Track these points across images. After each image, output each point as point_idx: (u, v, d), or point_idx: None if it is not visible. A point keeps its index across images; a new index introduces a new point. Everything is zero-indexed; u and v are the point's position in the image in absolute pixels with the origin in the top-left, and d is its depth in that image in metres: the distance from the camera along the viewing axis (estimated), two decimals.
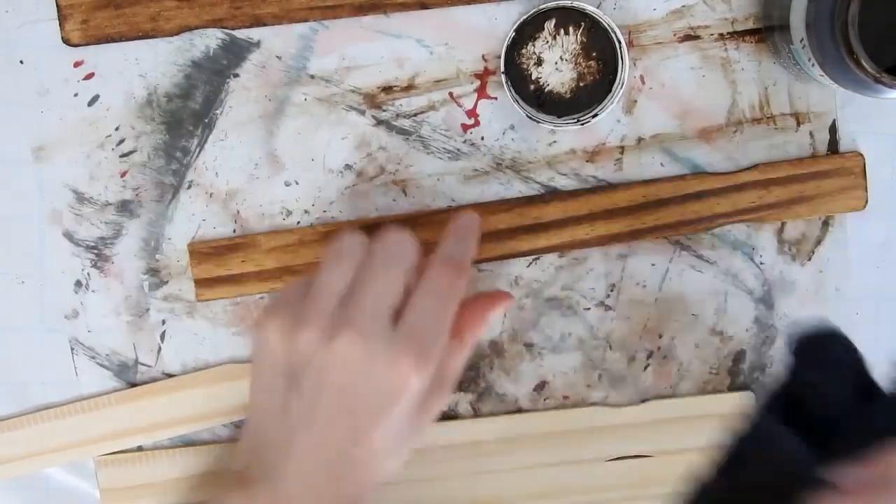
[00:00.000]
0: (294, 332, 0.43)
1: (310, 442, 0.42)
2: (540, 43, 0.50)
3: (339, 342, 0.41)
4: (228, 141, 0.52)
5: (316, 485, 0.42)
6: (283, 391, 0.43)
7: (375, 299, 0.42)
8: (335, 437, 0.42)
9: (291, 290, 0.45)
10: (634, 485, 0.53)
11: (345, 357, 0.41)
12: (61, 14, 0.50)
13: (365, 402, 0.42)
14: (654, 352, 0.53)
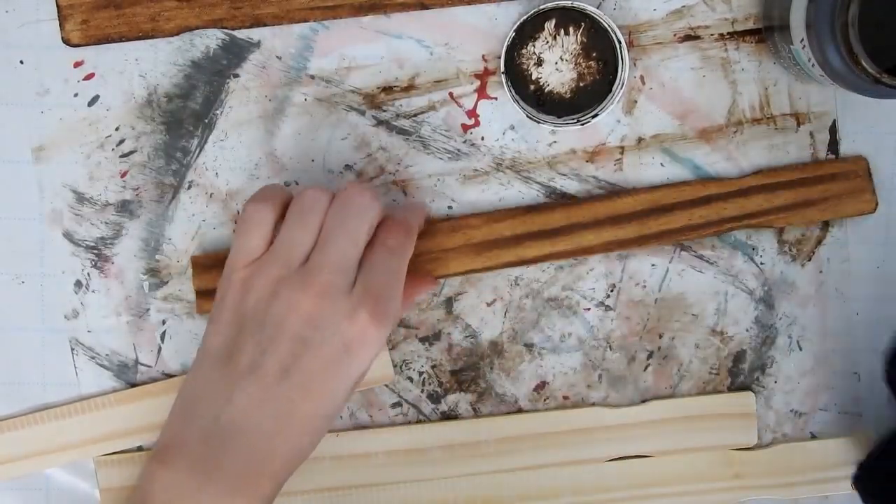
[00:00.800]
0: (258, 283, 0.43)
1: (254, 393, 0.42)
2: (540, 43, 0.50)
3: (302, 295, 0.42)
4: (228, 141, 0.52)
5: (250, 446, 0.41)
6: (235, 337, 0.43)
7: (338, 257, 0.43)
8: (282, 391, 0.42)
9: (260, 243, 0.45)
10: (634, 485, 0.53)
11: (308, 310, 0.42)
12: (61, 14, 0.50)
13: (317, 357, 0.42)
14: (654, 352, 0.53)
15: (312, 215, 0.44)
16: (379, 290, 0.43)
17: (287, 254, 0.43)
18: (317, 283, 0.42)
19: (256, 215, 0.44)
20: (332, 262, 0.43)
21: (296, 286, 0.42)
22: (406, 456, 0.52)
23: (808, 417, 0.53)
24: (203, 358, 0.44)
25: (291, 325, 0.42)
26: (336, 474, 0.52)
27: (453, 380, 0.53)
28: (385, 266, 0.44)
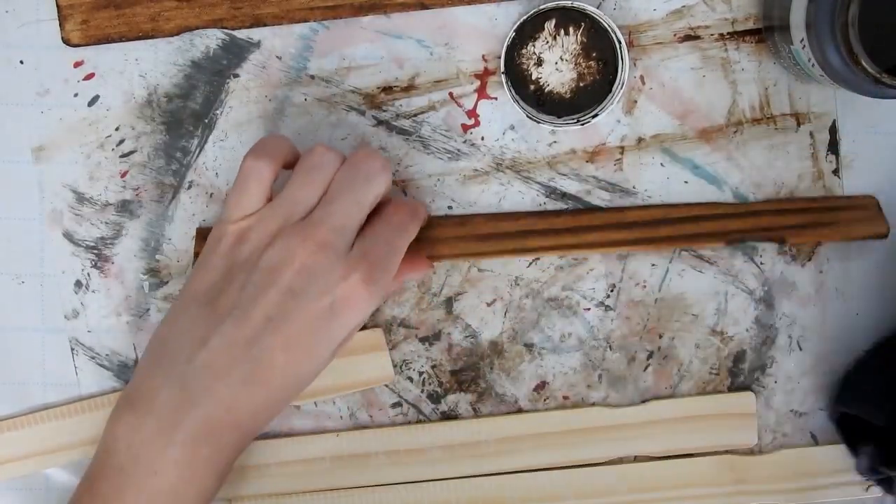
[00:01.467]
0: (254, 234, 0.43)
1: (232, 337, 0.41)
2: (540, 43, 0.50)
3: (298, 247, 0.42)
4: (228, 141, 0.52)
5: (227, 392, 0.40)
6: (221, 282, 0.42)
7: (341, 217, 0.43)
8: (259, 341, 0.41)
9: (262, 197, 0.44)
10: (636, 489, 0.53)
11: (302, 262, 0.41)
12: (61, 14, 0.50)
13: (301, 310, 0.41)
14: (654, 352, 0.53)
15: (320, 173, 0.44)
16: (376, 258, 0.43)
17: (289, 209, 0.43)
18: (316, 237, 0.42)
19: (255, 171, 0.44)
20: (334, 220, 0.42)
21: (293, 237, 0.42)
22: (406, 456, 0.52)
23: (808, 417, 0.53)
24: (182, 301, 0.43)
25: (283, 274, 0.41)
26: (336, 474, 0.52)
27: (453, 380, 0.53)
28: (385, 237, 0.44)
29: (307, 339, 0.41)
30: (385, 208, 0.45)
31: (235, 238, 0.43)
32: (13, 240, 0.52)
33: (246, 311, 0.41)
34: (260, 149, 0.45)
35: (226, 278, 0.42)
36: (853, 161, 0.52)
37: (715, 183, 0.52)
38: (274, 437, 0.52)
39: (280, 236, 0.42)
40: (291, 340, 0.41)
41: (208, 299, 0.42)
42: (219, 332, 0.41)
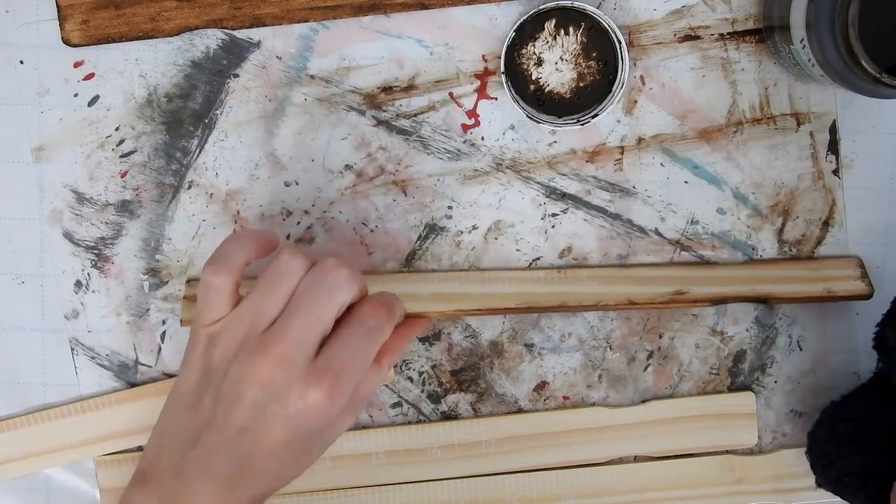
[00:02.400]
0: (222, 340, 0.43)
1: (217, 442, 0.43)
2: (540, 43, 0.50)
3: (259, 364, 0.42)
4: (228, 141, 0.52)
5: (216, 486, 0.43)
6: (200, 387, 0.44)
7: (300, 330, 0.43)
8: (241, 448, 0.42)
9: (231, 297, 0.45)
10: (636, 489, 0.53)
11: (262, 379, 0.42)
12: (61, 14, 0.50)
13: (272, 423, 0.42)
14: (654, 352, 0.53)
15: (284, 282, 0.44)
16: (340, 369, 0.43)
17: (253, 318, 0.43)
18: (274, 353, 0.42)
19: (213, 285, 0.44)
20: (293, 334, 0.42)
21: (254, 354, 0.42)
22: (406, 456, 0.52)
23: (807, 417, 0.53)
24: (174, 397, 0.45)
25: (247, 390, 0.42)
26: (336, 474, 0.52)
27: (453, 380, 0.53)
28: (355, 344, 0.43)
29: (284, 443, 0.43)
30: (357, 311, 0.44)
31: (207, 341, 0.44)
32: (13, 240, 0.52)
33: (223, 421, 0.43)
34: (215, 261, 0.45)
35: (203, 384, 0.44)
36: (853, 161, 0.52)
37: (715, 183, 0.52)
38: None
39: (242, 350, 0.43)
40: (269, 445, 0.43)
41: (192, 403, 0.44)
42: (203, 435, 0.43)
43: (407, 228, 0.52)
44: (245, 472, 0.43)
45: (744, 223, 0.52)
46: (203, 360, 0.44)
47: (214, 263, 0.44)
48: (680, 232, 0.52)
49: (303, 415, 0.42)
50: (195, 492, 0.43)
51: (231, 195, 0.52)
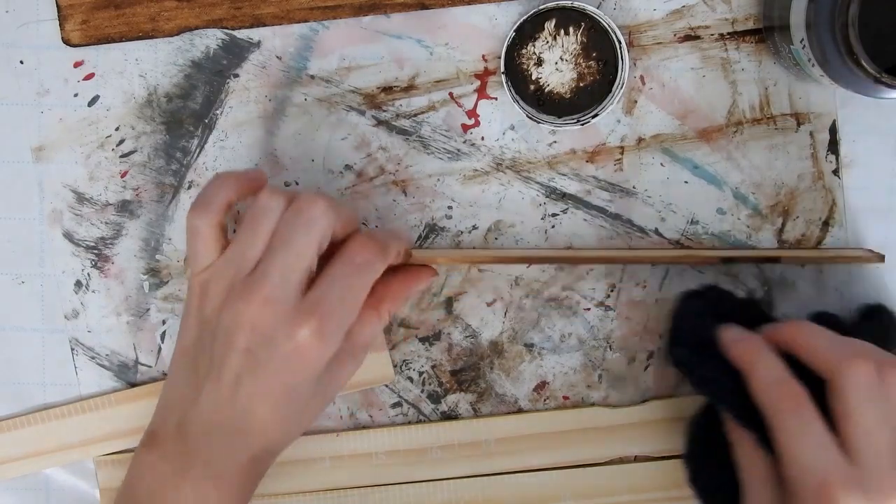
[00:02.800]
0: (212, 288, 0.43)
1: (215, 397, 0.43)
2: (540, 43, 0.50)
3: (247, 308, 0.42)
4: (228, 141, 0.52)
5: (217, 443, 0.43)
6: (197, 344, 0.44)
7: (284, 267, 0.42)
8: (239, 398, 0.42)
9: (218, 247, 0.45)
10: (636, 489, 0.53)
11: (252, 322, 0.42)
12: (61, 14, 0.50)
13: (266, 368, 0.42)
14: (655, 352, 0.53)
15: (263, 223, 0.44)
16: (328, 307, 0.42)
17: (238, 263, 0.43)
18: (259, 294, 0.42)
19: (195, 231, 0.44)
20: (275, 273, 0.42)
21: (240, 298, 0.42)
22: (406, 456, 0.52)
23: None
24: (176, 357, 0.45)
25: (238, 337, 0.42)
26: (336, 474, 0.52)
27: (453, 380, 0.53)
28: (343, 281, 0.43)
29: (281, 389, 0.43)
30: (345, 247, 0.44)
31: (199, 292, 0.44)
32: (13, 240, 0.52)
33: (219, 372, 0.43)
34: (198, 204, 0.45)
35: (199, 339, 0.44)
36: (853, 161, 0.52)
37: (715, 183, 0.52)
38: None
39: (230, 296, 0.43)
40: (267, 392, 0.43)
41: (190, 359, 0.44)
42: (204, 391, 0.43)
43: (407, 228, 0.52)
44: (244, 428, 0.43)
45: (744, 223, 0.52)
46: (198, 313, 0.44)
47: (196, 206, 0.44)
48: (680, 232, 0.52)
49: (294, 356, 0.42)
50: (198, 450, 0.43)
51: None
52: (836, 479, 0.40)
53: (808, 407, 0.42)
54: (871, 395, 0.41)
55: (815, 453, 0.41)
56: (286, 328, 0.42)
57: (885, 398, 0.42)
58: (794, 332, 0.45)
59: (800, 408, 0.42)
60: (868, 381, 0.42)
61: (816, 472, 0.40)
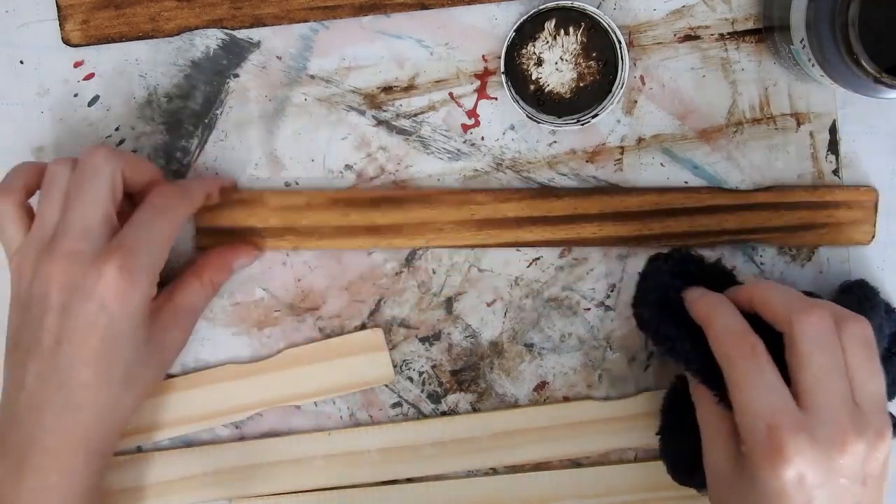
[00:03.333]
0: (23, 268, 0.44)
1: (39, 371, 0.43)
2: (540, 43, 0.50)
3: (51, 266, 0.43)
4: (228, 141, 0.52)
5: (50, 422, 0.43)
6: (20, 326, 0.44)
7: (80, 221, 0.43)
8: (60, 363, 0.42)
9: None
10: (637, 489, 0.53)
11: (60, 278, 0.42)
12: (61, 14, 0.50)
13: (80, 321, 0.42)
14: (655, 352, 0.53)
15: (55, 187, 0.45)
16: (131, 244, 0.43)
17: (40, 233, 0.44)
18: (61, 250, 0.43)
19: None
20: (74, 226, 0.43)
21: (45, 260, 0.43)
22: (398, 454, 0.52)
23: None
24: (8, 351, 0.45)
25: (50, 298, 0.43)
26: (332, 472, 0.52)
27: (453, 380, 0.53)
28: (143, 222, 0.44)
29: (102, 345, 0.43)
30: (148, 194, 0.46)
31: (15, 276, 0.45)
32: None
33: (38, 343, 0.43)
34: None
35: (19, 319, 0.44)
36: (853, 161, 0.52)
37: (715, 183, 0.52)
38: (275, 435, 0.52)
39: (38, 263, 0.43)
40: (88, 353, 0.43)
41: (14, 343, 0.44)
42: (28, 370, 0.43)
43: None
44: (70, 400, 0.42)
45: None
46: (15, 294, 0.45)
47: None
48: None
49: (106, 297, 0.42)
50: (32, 438, 0.43)
51: None
52: (785, 424, 0.40)
53: (763, 355, 0.42)
54: (824, 343, 0.41)
55: (766, 398, 0.41)
56: (93, 270, 0.42)
57: (839, 349, 0.42)
58: (754, 289, 0.45)
59: (754, 356, 0.42)
60: (822, 329, 0.42)
61: (766, 416, 0.40)
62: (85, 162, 0.45)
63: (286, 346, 0.52)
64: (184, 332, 0.48)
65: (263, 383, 0.52)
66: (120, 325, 0.43)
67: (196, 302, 0.48)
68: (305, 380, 0.52)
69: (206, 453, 0.52)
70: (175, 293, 0.48)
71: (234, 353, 0.52)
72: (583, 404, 0.53)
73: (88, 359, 0.43)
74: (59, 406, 0.43)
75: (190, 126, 0.52)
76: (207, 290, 0.49)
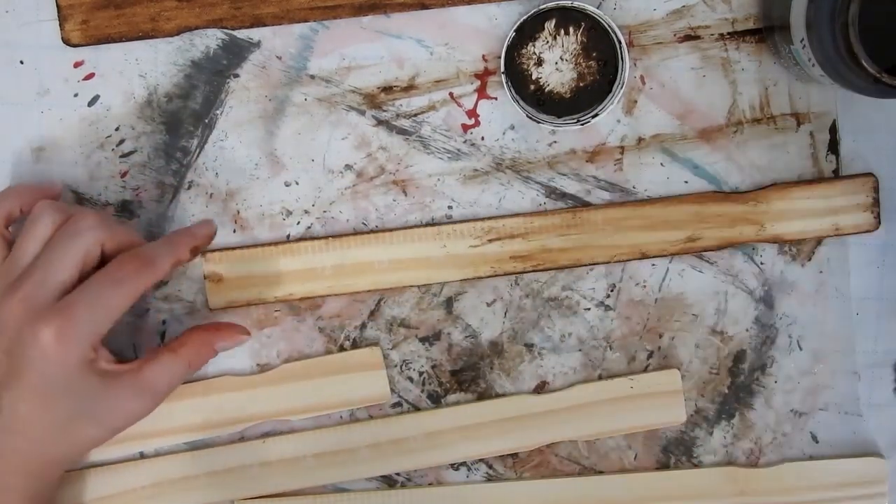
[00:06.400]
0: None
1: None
2: (540, 43, 0.50)
3: (5, 305, 0.43)
4: (228, 141, 0.52)
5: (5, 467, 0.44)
6: None
7: (44, 272, 0.44)
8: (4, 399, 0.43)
9: None
10: (638, 499, 0.52)
11: (7, 321, 0.43)
12: (61, 14, 0.50)
13: (21, 367, 0.43)
14: (654, 352, 0.53)
15: (35, 231, 0.45)
16: (75, 311, 0.43)
17: (11, 267, 0.45)
18: (16, 295, 0.43)
19: None
20: (35, 276, 0.44)
21: (6, 297, 0.44)
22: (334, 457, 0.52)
23: (807, 417, 0.53)
24: None
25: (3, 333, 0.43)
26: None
27: (453, 380, 0.53)
28: (95, 290, 0.44)
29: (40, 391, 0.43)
30: (111, 262, 0.45)
31: None
32: None
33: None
34: None
35: None
36: (853, 161, 0.52)
37: (715, 183, 0.52)
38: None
39: (3, 294, 0.44)
40: (28, 391, 0.43)
41: None
42: None
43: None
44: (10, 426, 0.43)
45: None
46: None
47: None
48: None
49: (39, 356, 0.43)
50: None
51: (231, 195, 0.52)
52: None
53: None
54: None
55: None
56: (32, 326, 0.43)
57: None
58: None
59: None
60: None
61: None
62: (74, 220, 0.45)
63: (286, 346, 0.52)
64: (143, 405, 0.46)
65: (261, 397, 0.52)
66: (57, 376, 0.43)
67: (163, 379, 0.46)
68: (302, 395, 0.52)
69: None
70: (145, 365, 0.46)
71: (233, 353, 0.52)
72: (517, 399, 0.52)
73: (27, 396, 0.43)
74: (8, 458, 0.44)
75: (190, 126, 0.52)
76: (180, 370, 0.47)
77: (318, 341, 0.52)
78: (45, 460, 0.45)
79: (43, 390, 0.43)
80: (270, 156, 0.52)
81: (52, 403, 0.44)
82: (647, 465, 0.53)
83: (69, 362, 0.43)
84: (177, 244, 0.47)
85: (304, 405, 0.52)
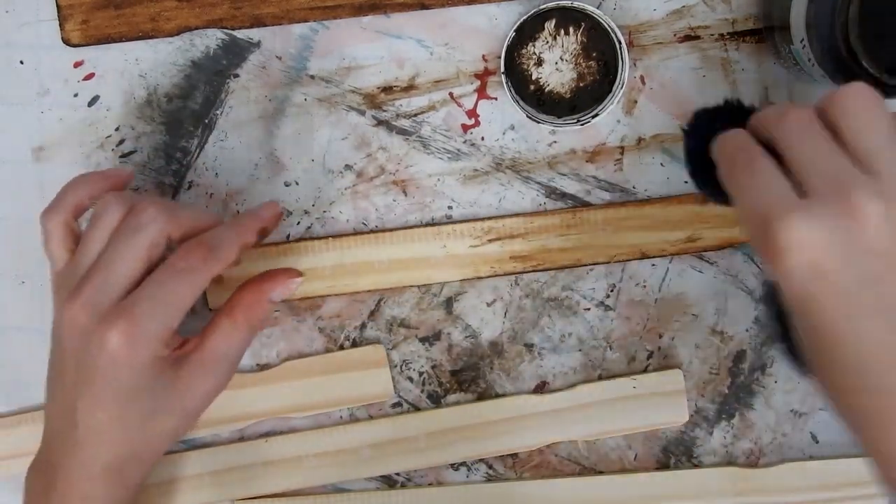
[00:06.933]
0: (56, 296, 0.44)
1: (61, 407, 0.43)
2: (540, 43, 0.50)
3: (69, 313, 0.42)
4: (228, 141, 0.52)
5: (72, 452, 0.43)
6: (52, 350, 0.45)
7: (106, 272, 0.42)
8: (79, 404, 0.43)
9: None
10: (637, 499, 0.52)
11: (73, 327, 0.42)
12: (61, 14, 0.50)
13: (91, 373, 0.42)
14: (654, 352, 0.53)
15: (100, 225, 0.44)
16: (139, 310, 0.42)
17: (77, 265, 0.44)
18: (80, 297, 0.42)
19: (43, 230, 0.45)
20: (98, 276, 0.42)
21: (68, 300, 0.43)
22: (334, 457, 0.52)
23: (807, 417, 0.53)
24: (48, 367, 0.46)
25: (66, 343, 0.43)
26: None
27: (453, 380, 0.53)
28: (159, 284, 0.42)
29: (112, 394, 0.43)
30: (174, 253, 0.44)
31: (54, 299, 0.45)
32: (13, 240, 0.52)
33: (62, 378, 0.44)
34: (48, 206, 0.45)
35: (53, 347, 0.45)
36: None
37: None
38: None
39: (66, 301, 0.43)
40: (102, 398, 0.43)
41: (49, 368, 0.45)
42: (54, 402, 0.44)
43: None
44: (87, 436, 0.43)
45: None
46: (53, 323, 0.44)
47: (45, 209, 0.45)
48: None
49: (108, 361, 0.42)
50: (58, 464, 0.43)
51: (231, 195, 0.52)
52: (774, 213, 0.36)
53: (759, 160, 0.39)
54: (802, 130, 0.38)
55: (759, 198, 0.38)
56: (98, 331, 0.42)
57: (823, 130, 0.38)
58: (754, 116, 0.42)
59: (749, 162, 0.39)
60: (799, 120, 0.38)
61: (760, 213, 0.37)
62: (136, 211, 0.43)
63: (286, 346, 0.52)
64: (215, 380, 0.45)
65: (263, 394, 0.52)
66: (130, 379, 0.42)
67: (227, 348, 0.45)
68: (305, 392, 0.52)
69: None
70: (205, 338, 0.45)
71: None
72: (518, 399, 0.52)
73: (102, 403, 0.43)
74: (74, 441, 0.43)
75: (190, 126, 0.52)
76: (242, 333, 0.45)
77: (318, 341, 0.52)
78: (126, 462, 0.44)
79: (116, 395, 0.42)
80: (270, 156, 0.52)
81: (127, 406, 0.43)
82: (647, 466, 0.53)
83: (139, 363, 0.42)
84: (243, 228, 0.45)
85: (307, 403, 0.52)
